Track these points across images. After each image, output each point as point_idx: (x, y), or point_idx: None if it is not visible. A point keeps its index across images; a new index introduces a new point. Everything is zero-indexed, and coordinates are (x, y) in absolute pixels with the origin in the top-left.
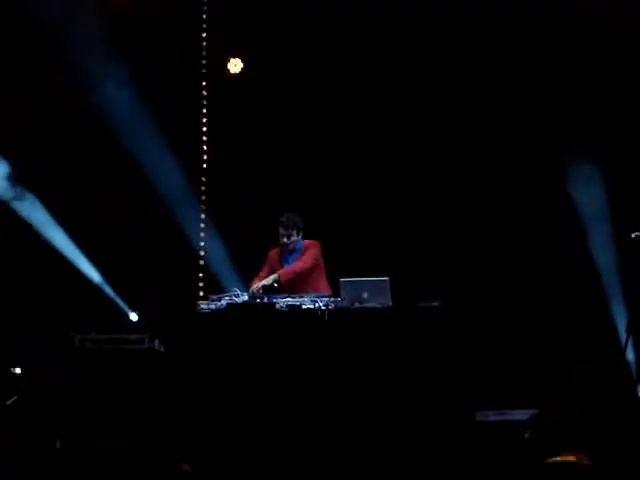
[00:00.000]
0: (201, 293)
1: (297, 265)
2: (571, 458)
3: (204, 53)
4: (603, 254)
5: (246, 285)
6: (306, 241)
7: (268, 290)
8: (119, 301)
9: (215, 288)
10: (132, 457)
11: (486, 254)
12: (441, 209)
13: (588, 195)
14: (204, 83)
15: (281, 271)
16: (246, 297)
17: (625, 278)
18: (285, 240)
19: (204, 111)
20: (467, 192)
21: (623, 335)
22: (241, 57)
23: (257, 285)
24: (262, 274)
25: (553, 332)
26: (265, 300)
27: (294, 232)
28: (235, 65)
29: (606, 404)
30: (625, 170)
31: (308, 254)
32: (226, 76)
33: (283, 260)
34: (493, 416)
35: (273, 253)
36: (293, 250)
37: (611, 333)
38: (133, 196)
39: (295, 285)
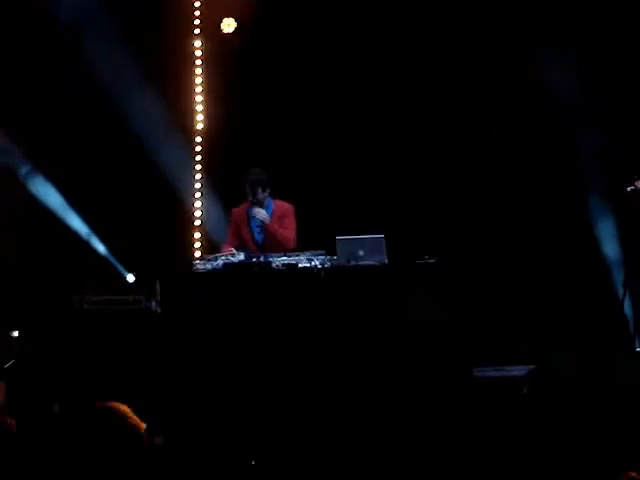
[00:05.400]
0: (197, 253)
1: (284, 235)
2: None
3: (198, 13)
4: (599, 208)
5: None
6: (278, 202)
7: None
8: (116, 263)
9: (211, 248)
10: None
11: (483, 208)
12: (435, 163)
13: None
14: (198, 43)
15: (271, 225)
16: (242, 257)
17: (621, 232)
18: (251, 198)
19: (198, 71)
20: (462, 144)
21: (621, 290)
22: (235, 17)
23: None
24: (229, 238)
25: (551, 287)
26: (261, 259)
27: (259, 189)
28: (228, 25)
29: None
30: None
31: (291, 226)
32: (220, 35)
33: (250, 216)
34: (491, 372)
35: (239, 211)
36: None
37: (609, 288)
38: (129, 158)
39: (272, 244)
